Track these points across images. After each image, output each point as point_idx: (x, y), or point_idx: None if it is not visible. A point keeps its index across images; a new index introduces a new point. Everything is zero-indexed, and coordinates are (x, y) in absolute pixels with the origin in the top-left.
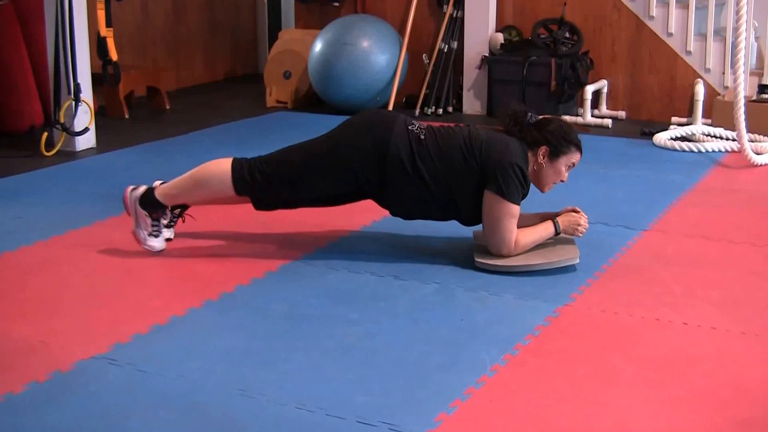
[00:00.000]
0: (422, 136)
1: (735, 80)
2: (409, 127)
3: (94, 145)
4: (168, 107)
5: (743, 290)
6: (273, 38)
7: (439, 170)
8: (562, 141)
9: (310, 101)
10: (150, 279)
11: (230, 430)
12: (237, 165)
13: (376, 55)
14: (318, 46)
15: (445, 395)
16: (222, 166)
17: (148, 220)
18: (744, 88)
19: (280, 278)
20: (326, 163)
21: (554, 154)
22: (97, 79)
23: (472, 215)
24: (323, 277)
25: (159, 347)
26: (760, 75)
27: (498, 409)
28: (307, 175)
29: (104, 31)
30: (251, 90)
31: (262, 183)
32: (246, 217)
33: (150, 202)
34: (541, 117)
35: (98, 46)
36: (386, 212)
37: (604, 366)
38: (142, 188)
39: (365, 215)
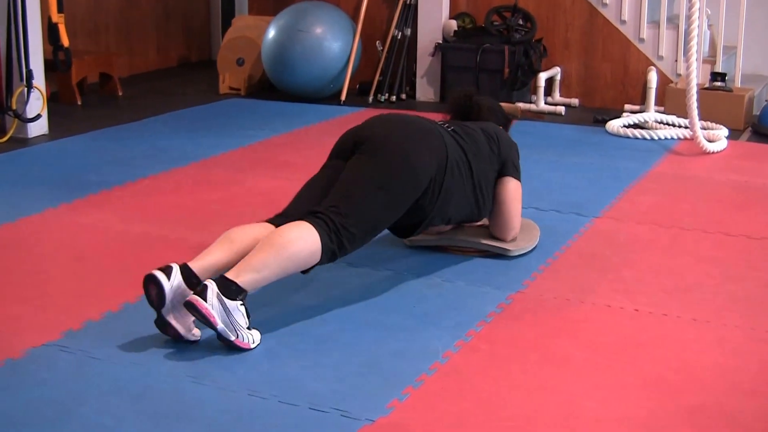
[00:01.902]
0: (460, 142)
1: (688, 68)
2: (448, 129)
3: (47, 132)
4: (121, 93)
5: (694, 277)
6: (226, 25)
7: (479, 168)
8: (509, 118)
9: (263, 88)
10: (102, 266)
11: (181, 417)
12: (327, 243)
13: (330, 41)
14: (271, 33)
15: (397, 382)
16: (310, 246)
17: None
18: (697, 76)
19: None
20: (407, 199)
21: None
22: (49, 66)
23: (487, 208)
24: None
25: (111, 334)
26: (713, 63)
27: (450, 396)
28: (388, 221)
29: (56, 16)
30: (204, 76)
31: (349, 247)
32: (198, 202)
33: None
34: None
35: (49, 32)
36: None
37: (555, 352)
38: (212, 284)
39: None
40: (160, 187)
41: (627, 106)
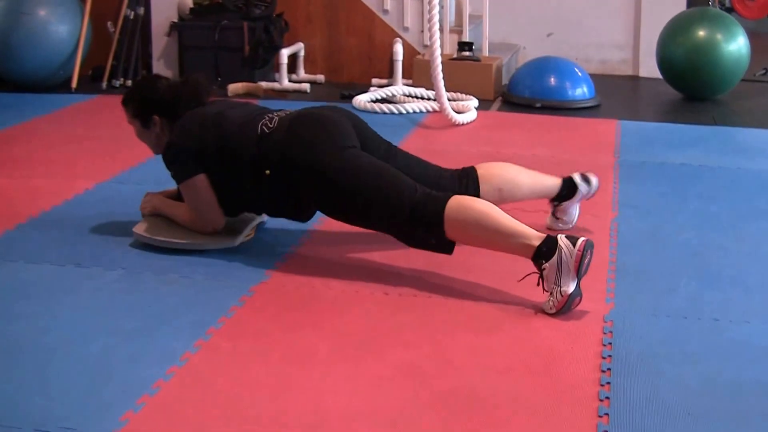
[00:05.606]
0: None
1: (431, 38)
2: None
3: None
4: None
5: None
6: None
7: None
8: None
9: None
10: None
11: None
12: None
13: (56, 24)
14: None
15: (131, 391)
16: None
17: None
18: (441, 46)
19: None
20: None
21: None
22: None
23: None
24: None
25: None
26: (460, 32)
27: (190, 401)
28: None
29: None
30: None
31: None
32: None
33: None
34: None
35: None
36: (64, 196)
37: (300, 345)
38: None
39: (45, 199)
40: None
41: (374, 81)
